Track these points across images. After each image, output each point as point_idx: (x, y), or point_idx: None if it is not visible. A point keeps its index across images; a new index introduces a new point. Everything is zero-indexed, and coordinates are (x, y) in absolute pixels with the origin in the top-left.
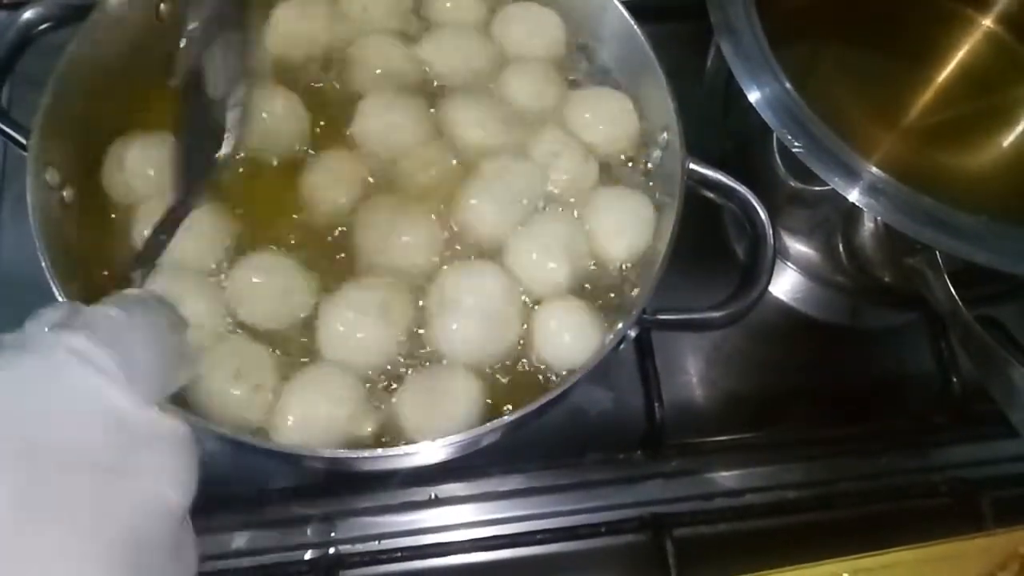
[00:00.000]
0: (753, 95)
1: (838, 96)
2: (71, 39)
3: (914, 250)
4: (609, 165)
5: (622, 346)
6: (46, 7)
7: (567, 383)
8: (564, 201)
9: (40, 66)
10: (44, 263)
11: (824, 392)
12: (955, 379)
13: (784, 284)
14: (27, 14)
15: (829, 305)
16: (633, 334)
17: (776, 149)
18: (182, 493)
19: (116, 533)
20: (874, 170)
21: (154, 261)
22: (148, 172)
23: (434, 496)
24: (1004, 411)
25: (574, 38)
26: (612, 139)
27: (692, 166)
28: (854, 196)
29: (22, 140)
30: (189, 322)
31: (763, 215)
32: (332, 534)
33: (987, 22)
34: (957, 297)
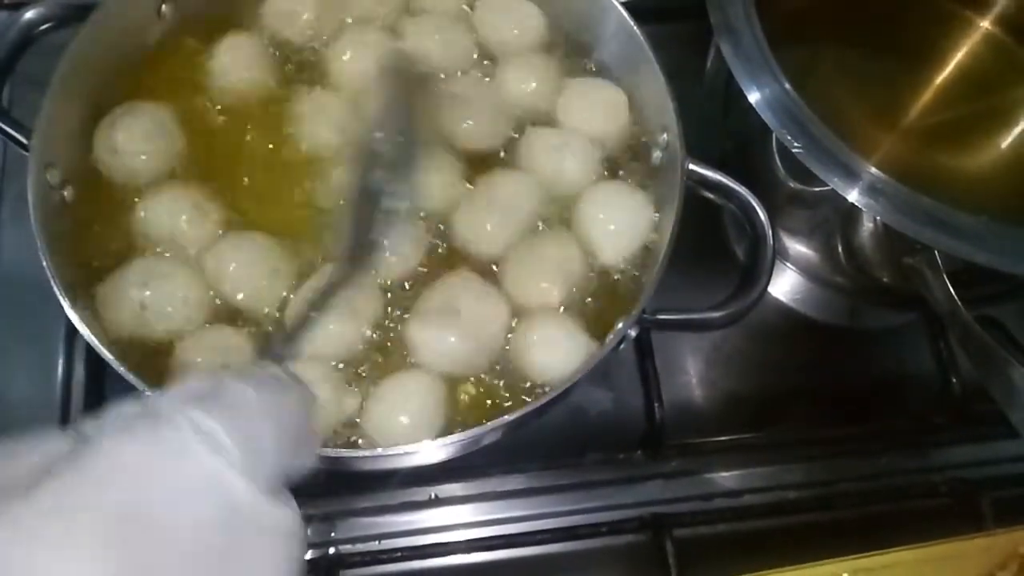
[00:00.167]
0: (753, 96)
1: (838, 97)
2: (72, 39)
3: (913, 250)
4: (610, 163)
5: (622, 346)
6: (47, 7)
7: (568, 383)
8: (564, 203)
9: (41, 66)
10: (45, 263)
11: (824, 392)
12: (954, 379)
13: (783, 285)
14: (28, 14)
15: (828, 306)
16: (633, 334)
17: (776, 150)
18: None
19: None
20: (873, 170)
21: (302, 337)
22: (144, 147)
23: (434, 496)
24: (1004, 411)
25: (562, 32)
26: (606, 128)
27: (692, 166)
28: (853, 196)
29: (23, 140)
30: (317, 401)
31: (763, 216)
32: (332, 534)
33: (985, 24)
34: (956, 297)
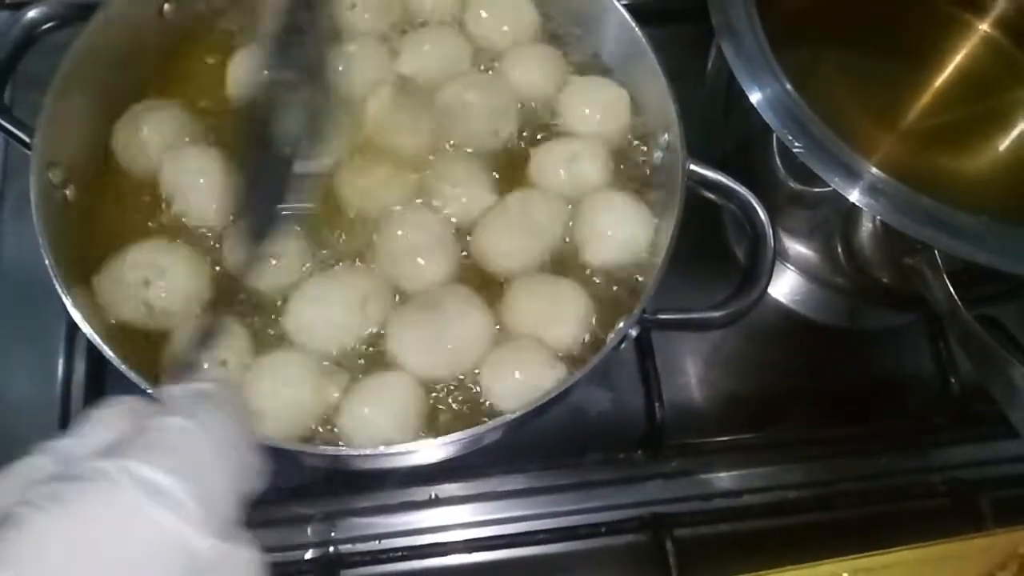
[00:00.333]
0: (754, 96)
1: (838, 98)
2: (74, 38)
3: (913, 250)
4: (615, 159)
5: (623, 345)
6: (50, 6)
7: (568, 382)
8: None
9: (44, 65)
10: (48, 261)
11: (824, 393)
12: (954, 380)
13: (783, 286)
14: (31, 13)
15: (828, 306)
16: (634, 333)
17: (776, 150)
18: None
19: None
20: (874, 170)
21: (215, 340)
22: (165, 137)
23: (434, 496)
24: (1004, 411)
25: (563, 33)
26: (608, 127)
27: (693, 167)
28: (854, 196)
29: (26, 139)
30: (257, 419)
31: (763, 216)
32: (332, 534)
33: (984, 27)
34: (956, 297)
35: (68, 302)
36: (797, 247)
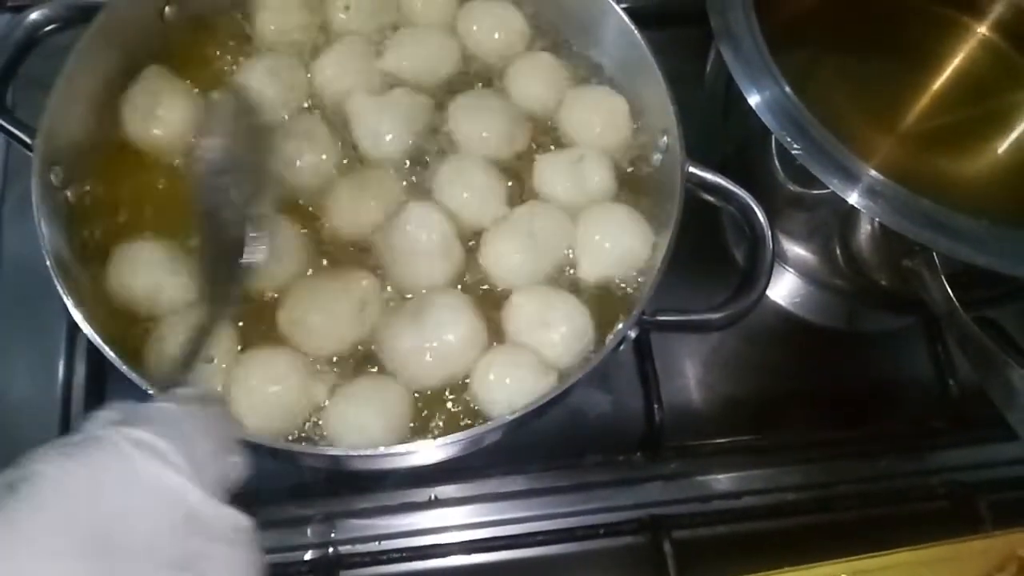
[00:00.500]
0: (753, 99)
1: (837, 100)
2: (76, 40)
3: (912, 252)
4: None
5: (622, 347)
6: (52, 9)
7: (568, 383)
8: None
9: (46, 67)
10: (49, 262)
11: (822, 395)
12: (952, 382)
13: (782, 288)
14: (33, 15)
15: (827, 309)
16: (633, 335)
17: (775, 152)
18: None
19: None
20: (873, 173)
21: (195, 363)
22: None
23: (434, 497)
24: (1002, 412)
25: (562, 37)
26: (608, 136)
27: (692, 169)
28: (853, 198)
29: (27, 140)
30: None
31: (762, 218)
32: (332, 534)
33: (982, 29)
34: (955, 299)
35: (69, 302)
36: (796, 249)
